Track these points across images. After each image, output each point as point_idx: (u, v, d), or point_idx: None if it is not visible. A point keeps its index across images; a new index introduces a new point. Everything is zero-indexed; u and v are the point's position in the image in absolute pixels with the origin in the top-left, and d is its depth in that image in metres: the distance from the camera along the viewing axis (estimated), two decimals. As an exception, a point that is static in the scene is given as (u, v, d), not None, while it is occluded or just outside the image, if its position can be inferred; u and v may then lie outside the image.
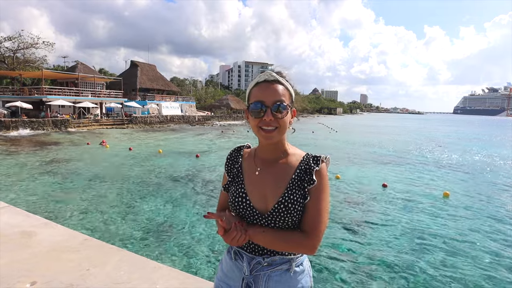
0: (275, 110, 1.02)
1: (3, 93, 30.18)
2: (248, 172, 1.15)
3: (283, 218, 1.03)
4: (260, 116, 1.03)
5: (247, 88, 1.14)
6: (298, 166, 1.08)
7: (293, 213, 1.02)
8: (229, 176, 1.20)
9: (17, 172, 11.48)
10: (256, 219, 1.06)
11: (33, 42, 38.04)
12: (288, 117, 1.06)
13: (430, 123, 76.19)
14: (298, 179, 1.06)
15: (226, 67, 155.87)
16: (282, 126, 1.04)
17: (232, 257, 1.15)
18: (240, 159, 1.20)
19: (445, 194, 9.75)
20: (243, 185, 1.12)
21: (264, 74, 1.06)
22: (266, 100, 1.02)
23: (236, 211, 1.10)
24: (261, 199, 1.07)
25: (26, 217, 3.12)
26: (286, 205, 1.02)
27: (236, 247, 1.14)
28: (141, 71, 45.71)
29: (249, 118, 1.08)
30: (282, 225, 1.04)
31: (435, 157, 18.27)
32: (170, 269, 2.28)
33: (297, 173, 1.07)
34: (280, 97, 1.03)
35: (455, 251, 5.82)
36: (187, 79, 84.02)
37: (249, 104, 1.07)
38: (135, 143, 21.03)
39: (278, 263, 1.08)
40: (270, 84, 1.05)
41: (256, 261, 1.08)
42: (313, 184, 1.04)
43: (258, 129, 1.05)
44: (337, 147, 21.31)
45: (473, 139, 32.45)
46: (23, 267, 2.17)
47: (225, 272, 1.17)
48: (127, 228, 6.47)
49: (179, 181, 10.50)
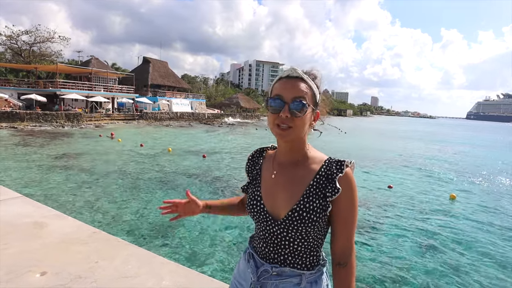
0: (293, 107, 0.95)
1: (19, 86, 30.86)
2: (265, 175, 1.09)
3: (296, 227, 0.96)
4: (277, 112, 0.96)
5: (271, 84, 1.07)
6: (318, 171, 1.00)
7: (307, 223, 0.95)
8: (249, 177, 1.16)
9: (30, 163, 11.72)
10: (269, 225, 1.02)
11: (49, 36, 38.77)
12: (308, 118, 0.98)
13: (443, 128, 74.92)
14: (317, 186, 0.98)
15: (237, 66, 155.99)
16: (298, 126, 0.96)
17: (246, 258, 1.12)
18: (261, 160, 1.15)
19: (452, 197, 9.62)
20: (259, 188, 1.08)
21: (289, 70, 1.00)
22: (285, 95, 0.96)
23: (251, 215, 1.07)
24: (274, 205, 1.02)
25: (37, 208, 3.17)
26: (301, 213, 0.96)
27: (250, 249, 1.11)
28: (153, 68, 46.13)
29: (268, 114, 1.01)
30: (295, 234, 0.98)
31: (443, 160, 17.96)
32: (178, 265, 2.28)
33: (317, 179, 0.99)
34: (300, 94, 0.96)
35: (462, 252, 5.71)
36: (198, 77, 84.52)
37: (267, 99, 1.01)
38: (146, 139, 21.24)
39: (288, 275, 1.01)
40: (292, 80, 0.98)
41: (264, 268, 1.03)
42: (337, 193, 0.95)
43: (274, 126, 0.98)
44: (344, 148, 21.15)
45: (486, 146, 31.78)
46: (34, 257, 2.20)
47: (240, 271, 1.14)
48: (135, 223, 6.54)
49: (188, 179, 10.57)
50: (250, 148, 19.53)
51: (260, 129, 35.05)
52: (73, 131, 22.87)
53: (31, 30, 37.67)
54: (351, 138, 29.65)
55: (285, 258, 1.01)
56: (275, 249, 1.02)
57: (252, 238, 1.16)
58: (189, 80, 73.90)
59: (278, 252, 1.02)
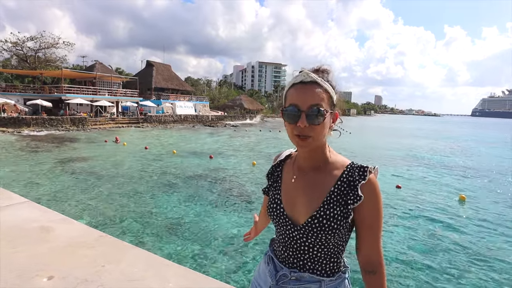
0: (311, 116, 0.91)
1: (25, 91, 31.22)
2: (285, 179, 1.07)
3: (316, 234, 0.94)
4: (294, 121, 0.92)
5: (283, 90, 1.02)
6: (340, 177, 0.96)
7: (327, 230, 0.93)
8: (269, 180, 1.15)
9: (36, 168, 11.84)
10: (289, 230, 1.00)
11: (54, 42, 39.24)
12: (327, 123, 0.94)
13: (448, 125, 74.29)
14: (338, 193, 0.94)
15: (240, 67, 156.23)
16: (318, 134, 0.93)
17: (265, 261, 1.11)
18: (283, 163, 1.13)
19: (461, 198, 9.49)
20: (279, 192, 1.07)
21: (301, 74, 0.94)
22: (301, 104, 0.91)
23: (271, 218, 1.07)
24: (294, 209, 1.00)
25: (44, 212, 3.19)
26: (321, 221, 0.93)
27: (270, 252, 1.11)
28: (157, 71, 46.43)
29: (285, 124, 0.97)
30: (314, 240, 0.96)
31: (451, 159, 17.79)
32: (183, 268, 2.29)
33: (338, 185, 0.95)
34: (317, 101, 0.91)
35: (471, 253, 5.64)
36: (201, 79, 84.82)
37: (283, 108, 0.96)
38: (150, 141, 21.36)
39: (306, 281, 0.99)
40: (306, 86, 0.93)
41: (283, 273, 1.02)
42: (359, 201, 0.91)
43: (293, 136, 0.95)
44: (349, 148, 21.06)
45: (492, 143, 31.43)
46: (41, 261, 2.22)
47: (260, 273, 1.14)
48: (141, 226, 6.57)
49: (193, 181, 10.59)
50: (255, 149, 19.54)
51: (264, 130, 35.04)
52: (78, 136, 23.06)
53: (36, 36, 38.19)
54: (355, 138, 29.52)
55: (304, 264, 1.00)
56: (295, 253, 1.01)
57: (272, 241, 1.15)
58: (193, 82, 74.21)
59: (298, 257, 1.01)
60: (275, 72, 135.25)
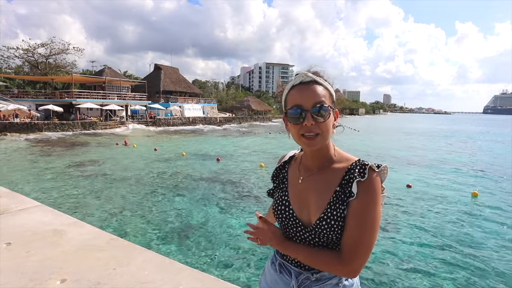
0: (316, 113, 0.91)
1: (37, 97, 31.91)
2: (291, 180, 1.07)
3: (327, 234, 0.93)
4: (299, 122, 0.92)
5: (282, 94, 1.02)
6: (344, 176, 0.95)
7: (337, 230, 0.92)
8: (274, 182, 1.14)
9: (49, 172, 12.05)
10: (299, 231, 0.99)
11: (64, 48, 40.01)
12: (331, 120, 0.95)
13: (459, 124, 72.97)
14: (342, 191, 0.93)
15: (247, 69, 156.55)
16: (324, 131, 0.92)
17: (277, 270, 1.07)
18: (287, 165, 1.12)
19: (474, 194, 9.31)
20: (287, 193, 1.05)
21: (300, 75, 0.95)
22: (305, 103, 0.91)
23: (279, 220, 1.05)
24: (303, 210, 0.99)
25: (56, 215, 3.24)
26: (329, 222, 0.92)
27: (281, 259, 1.07)
28: (165, 74, 46.86)
29: (289, 125, 0.97)
30: (326, 240, 0.95)
31: (463, 157, 17.45)
32: (194, 270, 2.28)
33: (343, 184, 0.94)
34: (320, 98, 0.92)
35: (484, 252, 5.51)
36: (208, 81, 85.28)
37: (286, 111, 0.96)
38: (159, 144, 21.54)
39: (327, 278, 0.99)
40: (307, 86, 0.94)
41: (305, 276, 1.01)
42: (352, 197, 0.91)
43: (299, 137, 0.94)
44: (358, 147, 20.86)
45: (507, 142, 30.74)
46: (54, 264, 2.25)
47: (269, 283, 1.10)
48: (152, 228, 6.61)
49: (202, 184, 10.63)
50: (263, 150, 19.51)
51: (273, 132, 35.00)
52: (89, 139, 23.41)
53: (47, 43, 38.99)
54: (363, 136, 29.23)
55: None
56: None
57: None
58: (200, 85, 74.66)
59: None
60: (282, 73, 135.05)
